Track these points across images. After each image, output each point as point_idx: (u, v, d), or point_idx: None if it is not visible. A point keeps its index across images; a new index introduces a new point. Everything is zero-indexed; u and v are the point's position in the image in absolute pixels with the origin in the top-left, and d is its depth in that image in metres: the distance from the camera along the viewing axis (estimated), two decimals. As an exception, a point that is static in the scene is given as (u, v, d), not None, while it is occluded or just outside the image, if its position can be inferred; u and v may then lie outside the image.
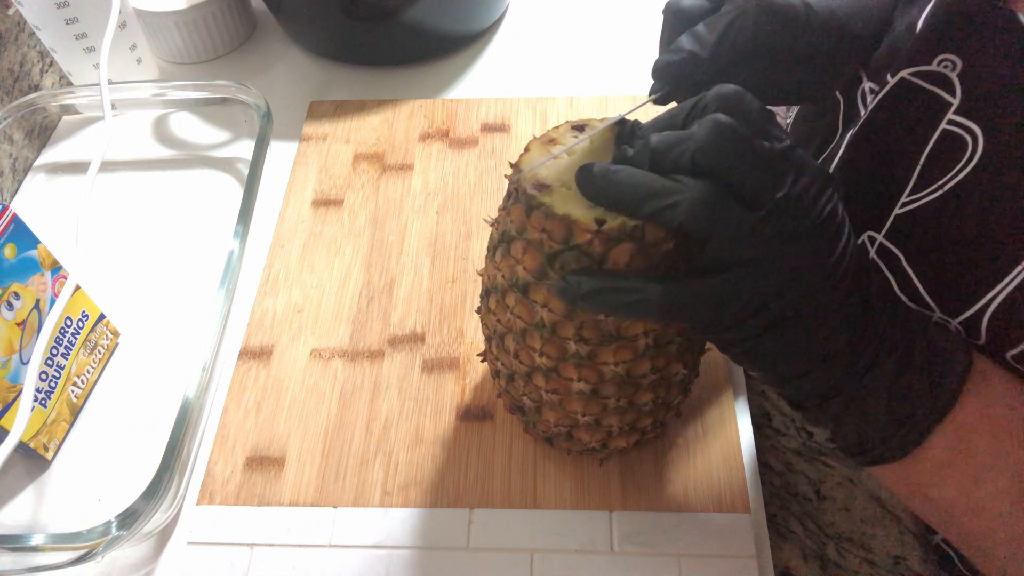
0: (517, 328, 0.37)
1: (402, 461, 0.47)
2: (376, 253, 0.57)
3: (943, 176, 0.34)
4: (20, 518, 0.46)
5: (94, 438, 0.50)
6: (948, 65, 0.34)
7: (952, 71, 0.34)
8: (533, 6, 0.77)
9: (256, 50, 0.74)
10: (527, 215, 0.33)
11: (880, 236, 0.37)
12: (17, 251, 0.44)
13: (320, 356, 0.52)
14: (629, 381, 0.37)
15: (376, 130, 0.65)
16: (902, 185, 0.36)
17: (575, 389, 0.37)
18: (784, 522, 0.48)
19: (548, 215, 0.32)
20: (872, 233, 0.37)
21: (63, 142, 0.67)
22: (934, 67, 0.34)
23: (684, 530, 0.43)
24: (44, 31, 0.62)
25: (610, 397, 0.38)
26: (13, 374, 0.44)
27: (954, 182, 0.33)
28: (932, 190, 0.34)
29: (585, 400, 0.38)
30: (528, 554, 0.43)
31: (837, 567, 0.47)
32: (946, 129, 0.34)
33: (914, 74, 0.35)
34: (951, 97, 0.34)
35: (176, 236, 0.60)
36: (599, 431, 0.40)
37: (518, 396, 0.41)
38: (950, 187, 0.33)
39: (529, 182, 0.33)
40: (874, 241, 0.37)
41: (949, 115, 0.34)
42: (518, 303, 0.36)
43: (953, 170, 0.33)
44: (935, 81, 0.34)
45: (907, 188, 0.35)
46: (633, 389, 0.38)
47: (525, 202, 0.33)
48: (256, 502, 0.46)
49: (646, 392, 0.38)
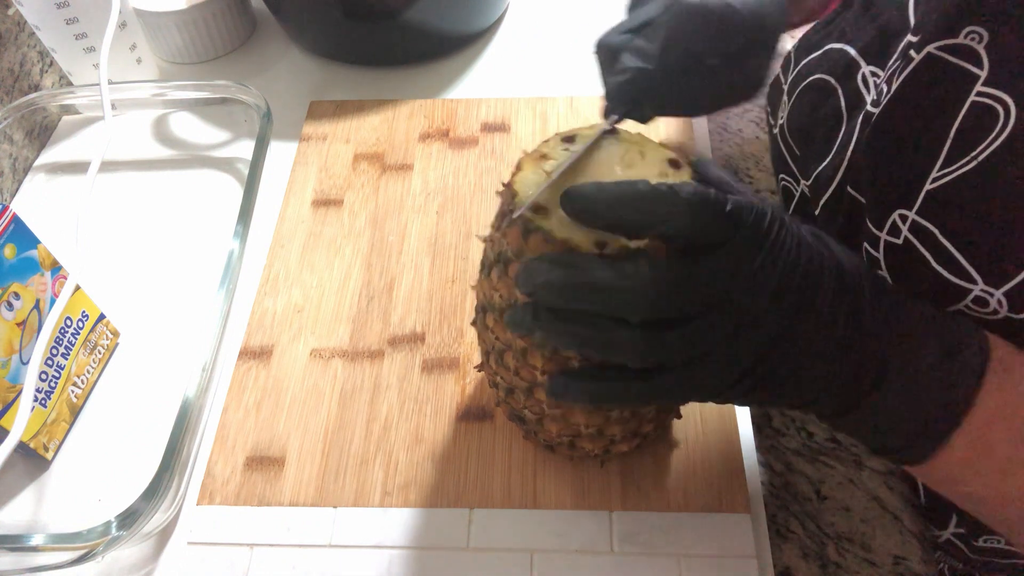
0: (517, 347, 0.37)
1: (402, 461, 0.47)
2: (376, 253, 0.57)
3: (975, 148, 0.33)
4: (20, 518, 0.46)
5: (94, 438, 0.50)
6: (975, 37, 0.34)
7: (979, 43, 0.33)
8: (533, 6, 0.77)
9: (256, 50, 0.74)
10: (524, 238, 0.32)
11: (912, 213, 0.36)
12: (17, 251, 0.44)
13: (320, 356, 0.52)
14: None
15: (376, 130, 0.65)
16: (932, 160, 0.35)
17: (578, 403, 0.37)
18: (784, 522, 0.48)
19: (548, 239, 0.31)
20: (903, 211, 0.37)
21: (63, 142, 0.67)
22: (961, 39, 0.34)
23: (684, 530, 0.43)
24: (44, 31, 0.62)
25: (613, 408, 0.38)
26: (13, 374, 0.44)
27: (988, 152, 0.33)
28: (965, 162, 0.34)
29: (588, 412, 0.38)
30: (528, 554, 0.43)
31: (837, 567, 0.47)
32: (975, 101, 0.34)
33: (940, 48, 0.35)
34: (978, 69, 0.33)
35: (176, 236, 0.60)
36: (601, 440, 0.40)
37: (519, 408, 0.41)
38: (984, 157, 0.33)
39: (527, 206, 0.33)
40: (906, 219, 0.37)
41: (978, 87, 0.33)
42: None
43: (986, 141, 0.33)
44: (962, 54, 0.34)
45: (937, 163, 0.35)
46: None
47: (522, 225, 0.32)
48: (256, 502, 0.46)
49: None
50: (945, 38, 0.35)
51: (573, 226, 0.31)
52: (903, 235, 0.37)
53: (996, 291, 0.34)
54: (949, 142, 0.35)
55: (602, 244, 0.31)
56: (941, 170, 0.35)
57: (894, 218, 0.37)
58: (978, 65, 0.33)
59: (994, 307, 0.34)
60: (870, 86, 0.41)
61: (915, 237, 0.36)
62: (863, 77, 0.42)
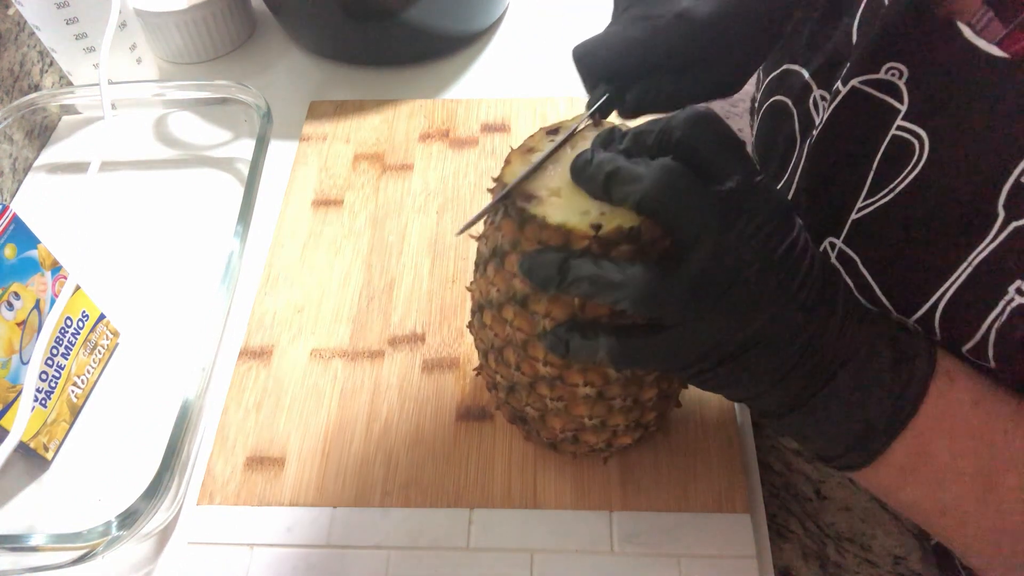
0: (518, 340, 0.37)
1: (402, 461, 0.47)
2: (376, 253, 0.57)
3: (893, 180, 0.34)
4: (20, 518, 0.46)
5: (94, 438, 0.50)
6: (895, 73, 0.35)
7: (899, 79, 0.34)
8: (533, 6, 0.77)
9: (256, 50, 0.74)
10: (520, 228, 0.33)
11: (839, 242, 0.38)
12: (17, 251, 0.44)
13: (320, 356, 0.52)
14: (634, 379, 0.37)
15: (376, 130, 0.65)
16: (858, 191, 0.36)
17: (581, 394, 0.37)
18: (784, 522, 0.48)
19: (543, 226, 0.32)
20: (832, 239, 0.38)
21: (63, 142, 0.67)
22: (882, 75, 0.35)
23: (684, 530, 0.43)
24: (44, 31, 0.62)
25: (616, 397, 0.38)
26: (13, 374, 0.44)
27: (903, 185, 0.34)
28: (884, 194, 0.35)
29: (591, 403, 0.38)
30: (528, 554, 0.43)
31: (837, 567, 0.47)
32: (896, 135, 0.35)
33: (864, 82, 0.36)
34: (899, 104, 0.34)
35: (176, 236, 0.60)
36: (605, 431, 0.40)
37: (520, 407, 0.41)
38: (900, 189, 0.34)
39: (518, 196, 0.33)
40: (834, 247, 0.38)
41: (898, 121, 0.34)
42: (517, 315, 0.36)
43: (902, 174, 0.34)
44: (884, 88, 0.35)
45: (862, 193, 0.36)
46: (638, 387, 0.38)
47: (517, 216, 0.33)
48: (256, 502, 0.46)
49: (650, 387, 0.38)
50: (868, 72, 0.36)
51: (565, 210, 0.32)
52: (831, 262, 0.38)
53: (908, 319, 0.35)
54: (872, 173, 0.35)
55: (597, 226, 0.31)
56: (865, 200, 0.36)
57: (825, 245, 0.38)
58: (899, 99, 0.34)
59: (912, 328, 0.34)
60: (820, 110, 0.41)
61: (841, 265, 0.37)
62: (814, 101, 0.42)
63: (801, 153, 0.42)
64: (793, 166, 0.43)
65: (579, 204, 0.32)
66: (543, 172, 0.34)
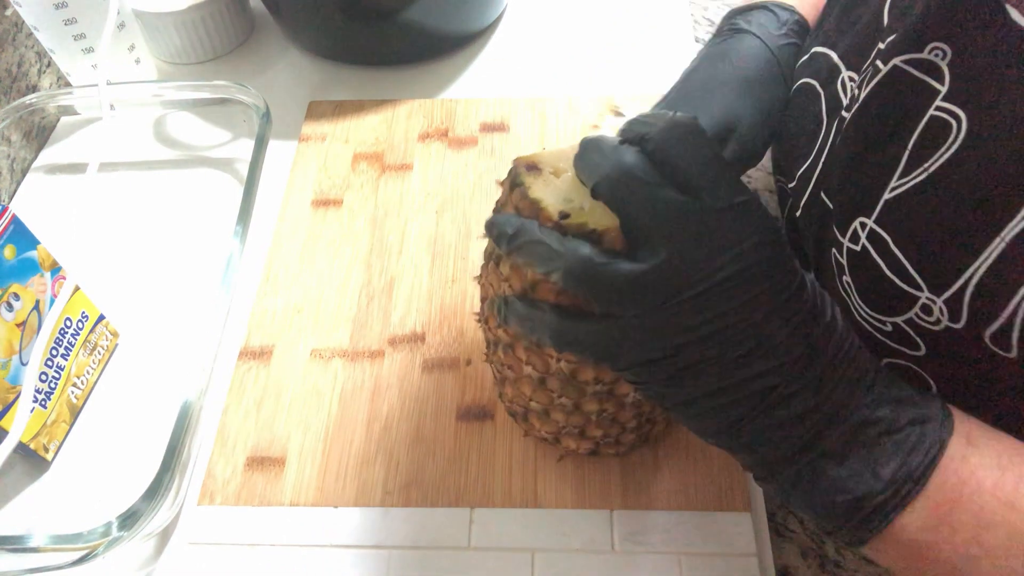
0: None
1: (402, 461, 0.47)
2: (376, 253, 0.57)
3: (928, 160, 0.34)
4: (20, 519, 0.46)
5: (94, 439, 0.50)
6: (939, 53, 0.34)
7: (942, 59, 0.34)
8: (532, 6, 0.77)
9: (255, 50, 0.74)
10: (511, 190, 0.34)
11: (871, 221, 0.37)
12: (17, 252, 0.44)
13: (320, 356, 0.52)
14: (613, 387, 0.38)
15: (375, 130, 0.65)
16: (892, 170, 0.36)
17: (589, 391, 0.38)
18: (784, 521, 0.48)
19: (523, 196, 0.33)
20: (863, 219, 0.38)
21: (62, 142, 0.67)
22: (925, 54, 0.35)
23: (684, 529, 0.44)
24: (42, 32, 0.62)
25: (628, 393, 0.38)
26: (13, 375, 0.44)
27: (937, 164, 0.34)
28: (918, 173, 0.35)
29: (600, 399, 0.38)
30: (529, 553, 0.43)
31: (837, 566, 0.47)
32: (934, 115, 0.34)
33: (906, 61, 0.36)
34: (939, 85, 0.34)
35: (176, 236, 0.60)
36: (614, 427, 0.41)
37: (525, 401, 0.41)
38: (934, 169, 0.34)
39: (524, 163, 0.34)
40: (865, 226, 0.38)
41: (937, 102, 0.34)
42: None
43: (937, 153, 0.34)
44: (925, 68, 0.35)
45: (896, 173, 0.36)
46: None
47: (512, 177, 0.34)
48: (257, 502, 0.46)
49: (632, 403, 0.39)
50: (911, 52, 0.35)
51: (551, 190, 0.33)
52: (861, 242, 0.38)
53: (938, 299, 0.34)
54: (907, 153, 0.35)
55: (565, 214, 0.32)
56: (899, 180, 0.36)
57: (855, 225, 0.38)
58: (940, 80, 0.34)
59: (936, 316, 0.34)
60: (847, 90, 0.42)
61: (871, 244, 0.37)
62: (842, 82, 0.42)
63: (828, 134, 0.43)
64: (819, 147, 0.43)
65: (569, 192, 0.33)
66: (563, 152, 0.34)
